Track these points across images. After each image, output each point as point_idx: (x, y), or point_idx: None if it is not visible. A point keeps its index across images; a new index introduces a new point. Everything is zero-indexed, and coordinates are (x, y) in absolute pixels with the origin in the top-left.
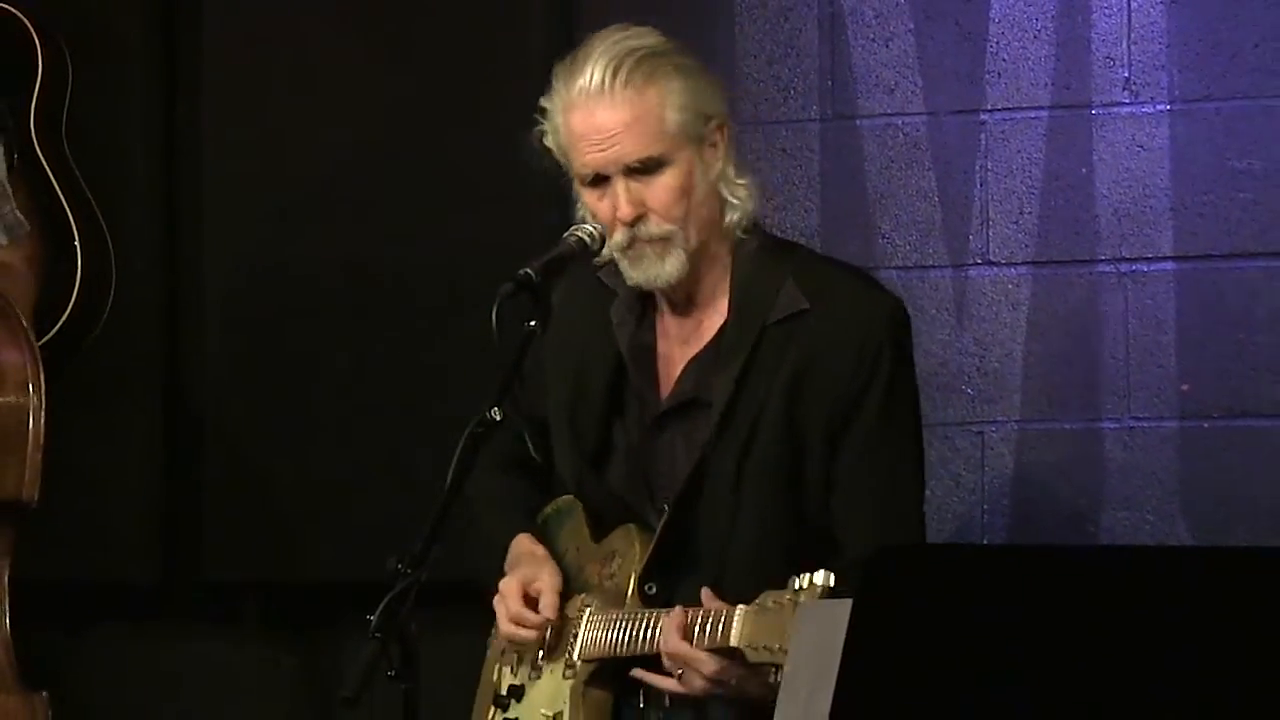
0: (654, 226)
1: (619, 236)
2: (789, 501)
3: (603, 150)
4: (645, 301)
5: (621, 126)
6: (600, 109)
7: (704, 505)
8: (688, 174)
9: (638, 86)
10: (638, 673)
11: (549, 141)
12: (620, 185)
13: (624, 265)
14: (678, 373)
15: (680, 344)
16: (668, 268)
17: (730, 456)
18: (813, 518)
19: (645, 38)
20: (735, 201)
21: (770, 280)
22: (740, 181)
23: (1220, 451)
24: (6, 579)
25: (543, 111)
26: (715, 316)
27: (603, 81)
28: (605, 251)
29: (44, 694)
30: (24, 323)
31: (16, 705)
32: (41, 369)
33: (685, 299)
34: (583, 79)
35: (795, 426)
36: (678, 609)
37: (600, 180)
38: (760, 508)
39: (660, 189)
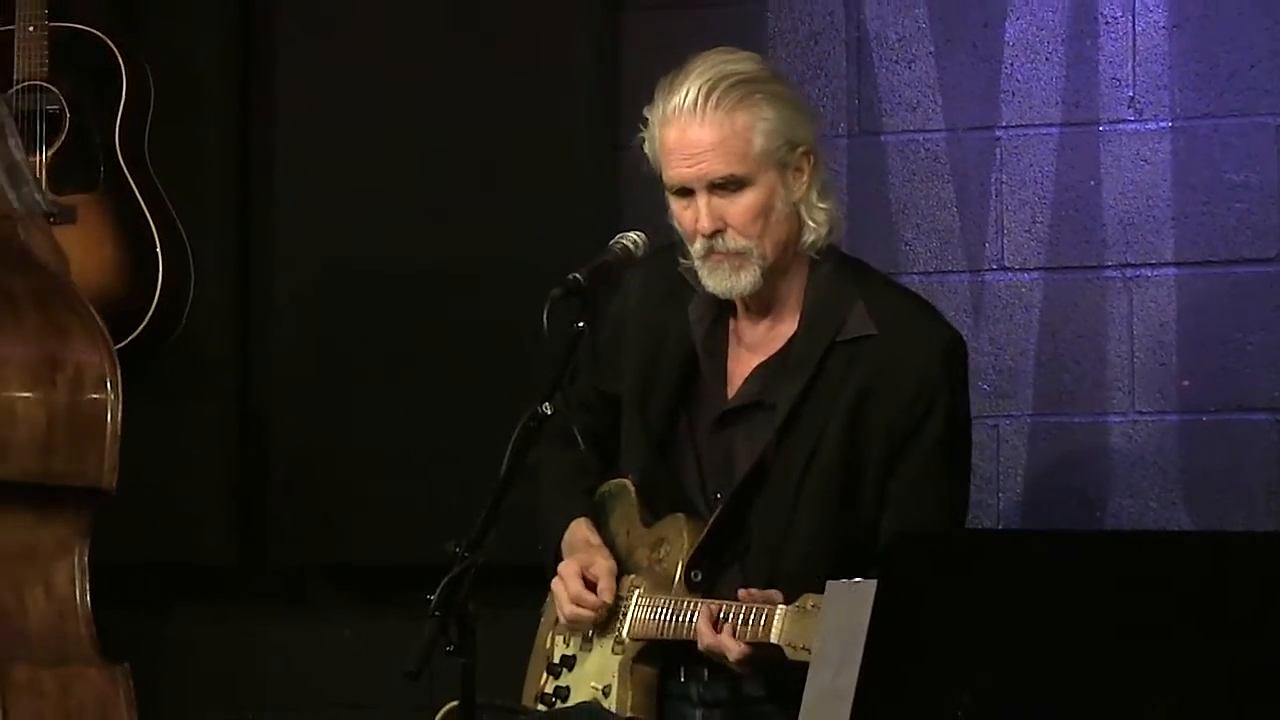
0: (731, 241)
1: (698, 246)
2: (842, 513)
3: (690, 166)
4: (721, 303)
5: (709, 145)
6: (692, 127)
7: (759, 504)
8: (768, 195)
9: (728, 110)
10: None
11: (646, 149)
12: (703, 199)
13: (702, 273)
14: (746, 375)
15: (750, 348)
16: (742, 281)
17: (792, 464)
18: (861, 531)
19: (743, 64)
20: (813, 225)
21: (842, 300)
22: (821, 206)
23: (1217, 443)
24: (86, 559)
25: (645, 121)
26: (786, 327)
27: (696, 101)
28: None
29: (126, 665)
30: (100, 324)
31: (98, 676)
32: (118, 366)
33: (759, 307)
34: (678, 97)
35: (855, 446)
36: (704, 607)
37: (686, 192)
38: (816, 515)
39: (740, 207)
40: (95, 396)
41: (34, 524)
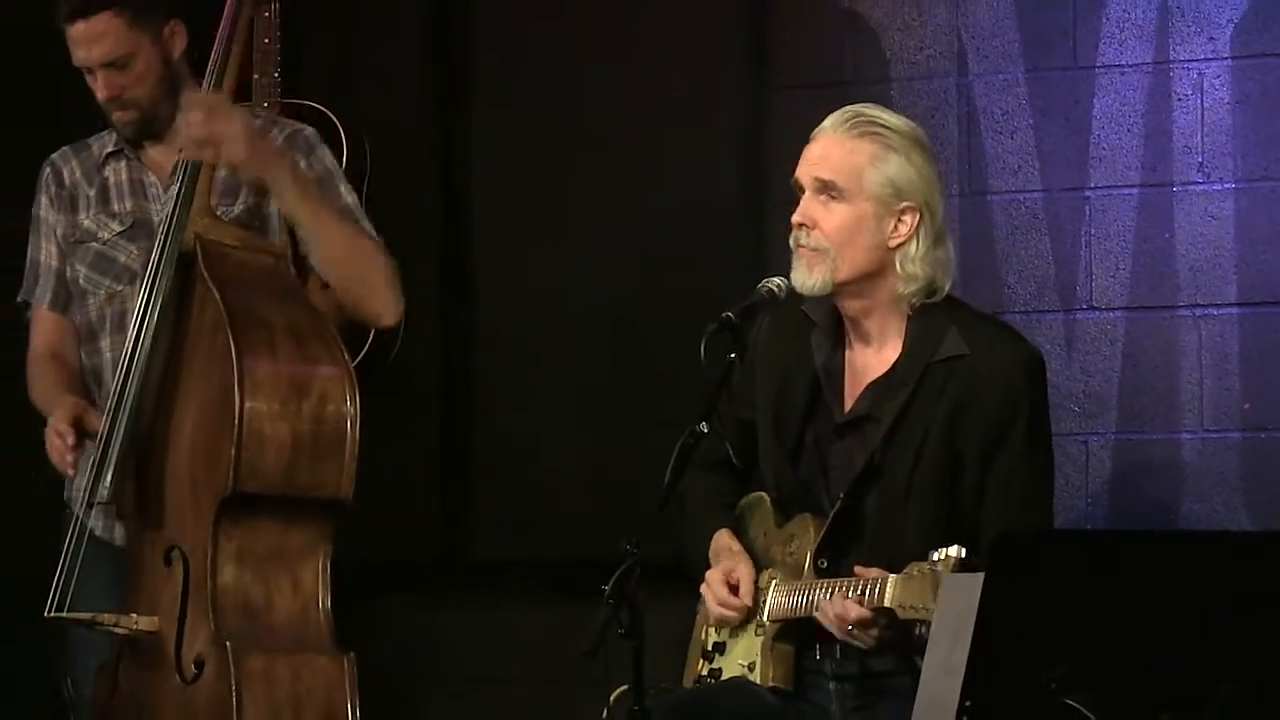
0: (814, 239)
1: (792, 238)
2: (945, 505)
3: (806, 166)
4: (838, 334)
5: (828, 156)
6: (822, 139)
7: (872, 499)
8: (859, 220)
9: (855, 137)
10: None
11: None
12: (806, 197)
13: (793, 267)
14: (858, 393)
15: (862, 371)
16: (813, 278)
17: (901, 464)
18: (963, 521)
19: (891, 118)
20: (903, 275)
21: (938, 327)
22: (918, 262)
23: (1274, 457)
24: (328, 561)
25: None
26: (890, 353)
27: (834, 126)
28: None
29: (352, 655)
30: (345, 357)
31: (328, 664)
32: (358, 393)
33: (866, 338)
34: (826, 122)
35: (954, 448)
36: (837, 596)
37: (803, 191)
38: (924, 506)
39: (832, 214)
40: (336, 420)
41: (282, 530)
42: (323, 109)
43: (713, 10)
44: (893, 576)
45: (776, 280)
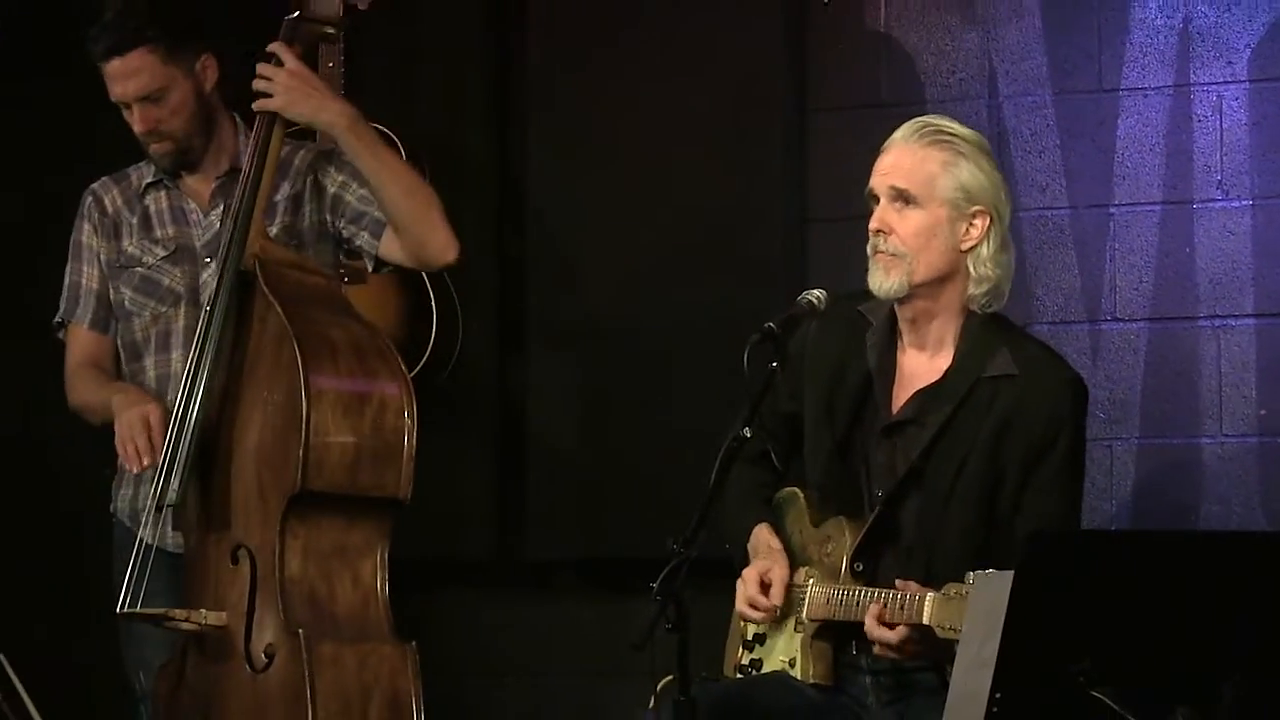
0: (890, 245)
1: (870, 244)
2: (984, 514)
3: (881, 176)
4: (892, 335)
5: (901, 164)
6: (894, 149)
7: (913, 503)
8: (932, 224)
9: (925, 145)
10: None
11: None
12: (882, 205)
13: (870, 271)
14: (907, 397)
15: (911, 375)
16: (890, 281)
17: (943, 472)
18: (999, 530)
19: (959, 128)
20: (976, 275)
21: (989, 344)
22: (990, 262)
23: None
24: (386, 556)
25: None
26: (942, 361)
27: (905, 136)
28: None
29: (413, 643)
30: (402, 368)
31: (391, 652)
32: (415, 401)
33: (921, 343)
34: (899, 132)
35: (997, 461)
36: (874, 608)
37: (877, 200)
38: (964, 514)
39: (906, 220)
40: (395, 426)
41: (345, 527)
42: (383, 129)
43: (757, 37)
44: (930, 595)
45: (816, 292)
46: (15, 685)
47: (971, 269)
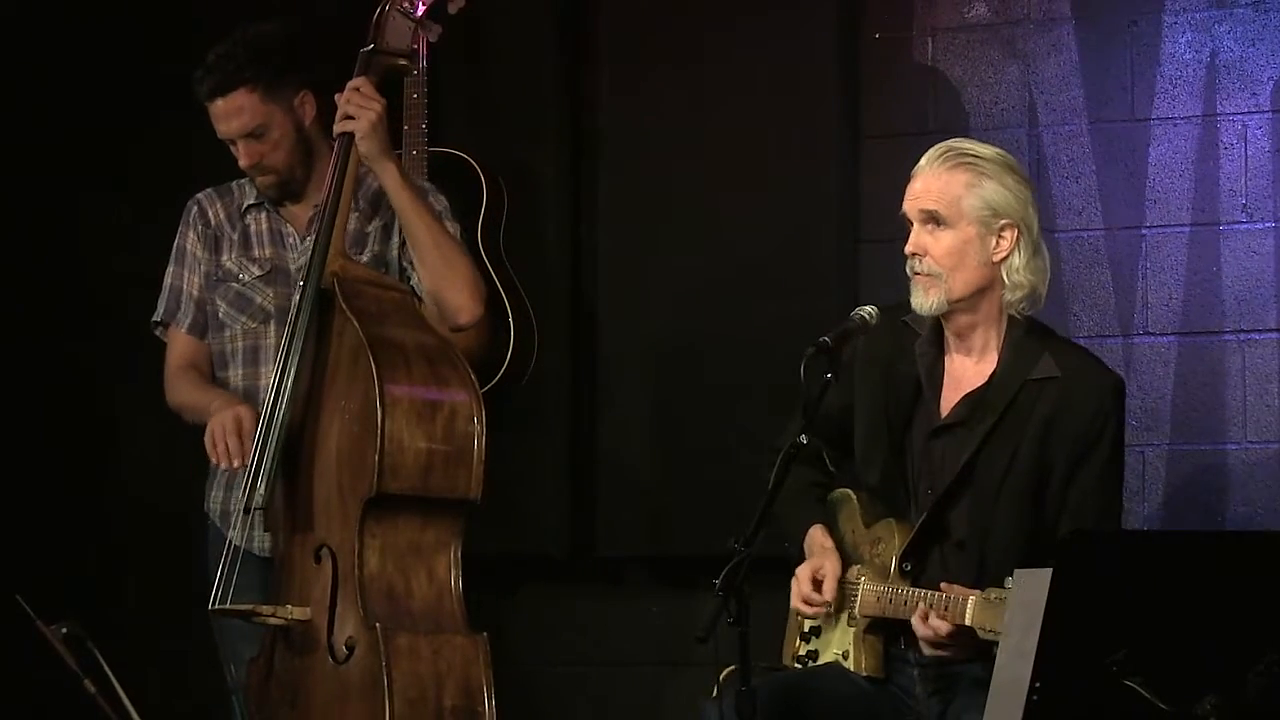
0: (926, 266)
1: (908, 266)
2: (1031, 513)
3: (911, 201)
4: (940, 344)
5: (929, 189)
6: (920, 176)
7: (964, 502)
8: (964, 242)
9: (950, 168)
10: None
11: None
12: (915, 228)
13: (911, 289)
14: (955, 400)
15: (959, 380)
16: (929, 300)
17: (992, 473)
18: (1045, 528)
19: (981, 148)
20: (1009, 284)
21: (1033, 349)
22: (1023, 271)
23: None
24: (459, 553)
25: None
26: (988, 366)
27: (930, 161)
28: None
29: (485, 635)
30: (471, 376)
31: (464, 643)
32: (483, 406)
33: (967, 349)
34: (923, 160)
35: (1043, 461)
36: (920, 607)
37: (910, 225)
38: (1012, 513)
39: (939, 241)
40: (465, 431)
41: (420, 526)
42: (464, 155)
43: (812, 68)
44: (973, 598)
45: (868, 308)
46: (109, 677)
47: (1006, 278)
